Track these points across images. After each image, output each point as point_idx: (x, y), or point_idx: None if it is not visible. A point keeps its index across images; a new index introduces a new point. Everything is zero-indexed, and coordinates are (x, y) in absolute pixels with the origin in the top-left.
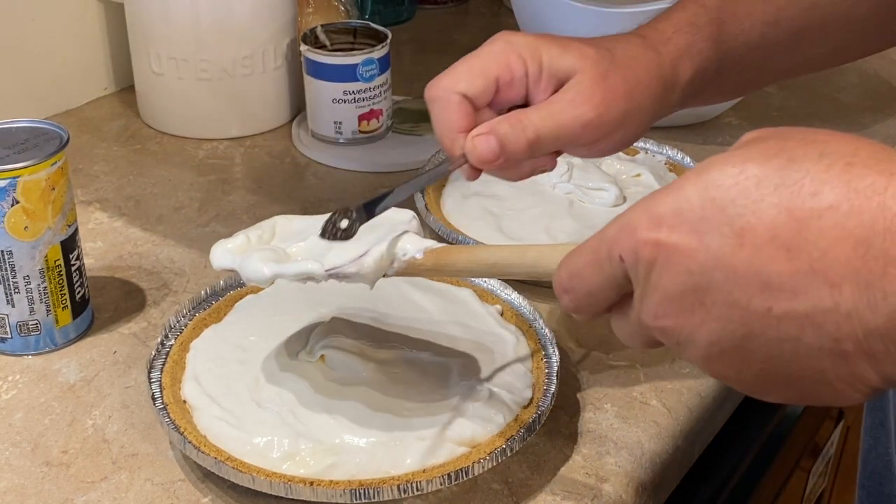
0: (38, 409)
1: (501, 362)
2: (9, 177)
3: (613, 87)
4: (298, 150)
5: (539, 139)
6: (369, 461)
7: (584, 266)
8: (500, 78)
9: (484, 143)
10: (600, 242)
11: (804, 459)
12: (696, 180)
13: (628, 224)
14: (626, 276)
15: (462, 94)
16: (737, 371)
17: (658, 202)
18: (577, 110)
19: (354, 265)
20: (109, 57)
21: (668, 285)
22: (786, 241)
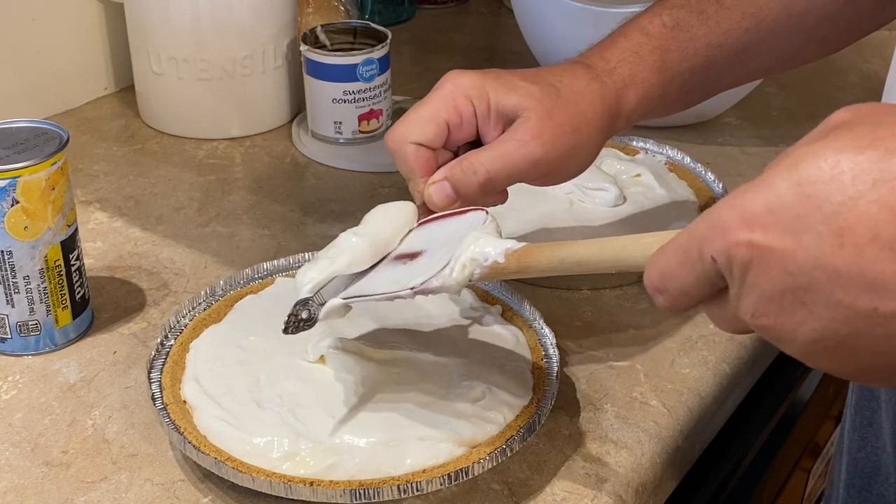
0: (38, 409)
1: (501, 362)
2: (9, 177)
3: (560, 124)
4: (298, 150)
5: (490, 180)
6: (369, 461)
7: (676, 266)
8: (450, 121)
9: (439, 190)
10: (690, 241)
11: (804, 459)
12: (788, 175)
13: (719, 223)
14: (719, 274)
15: (416, 143)
16: (839, 364)
17: (749, 199)
18: (526, 149)
19: (438, 279)
20: (109, 57)
21: (766, 286)
22: (889, 239)
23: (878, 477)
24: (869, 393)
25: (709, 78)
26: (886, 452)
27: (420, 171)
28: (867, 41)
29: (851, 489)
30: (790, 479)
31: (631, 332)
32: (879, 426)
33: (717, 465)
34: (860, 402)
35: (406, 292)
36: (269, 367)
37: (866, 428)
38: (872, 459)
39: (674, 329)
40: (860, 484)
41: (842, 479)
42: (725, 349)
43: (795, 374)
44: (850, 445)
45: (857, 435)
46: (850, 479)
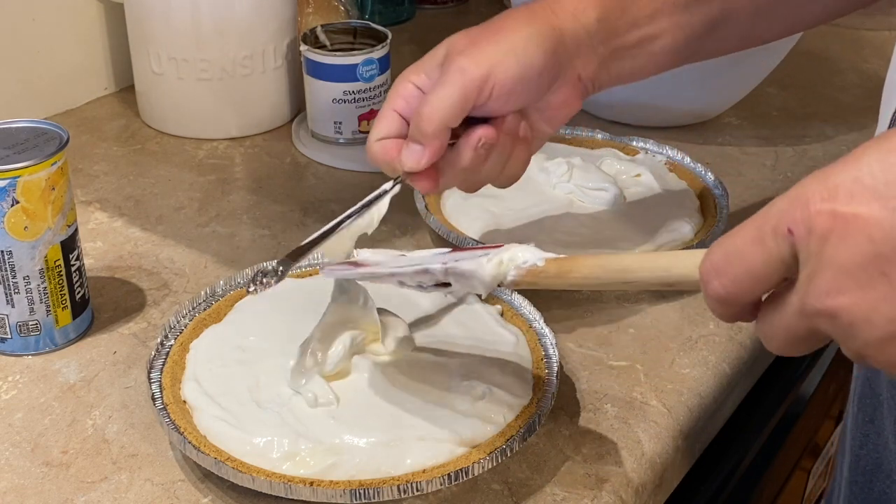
0: (38, 410)
1: (501, 362)
2: (9, 177)
3: (479, 33)
4: (298, 150)
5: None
6: (369, 461)
7: (745, 243)
8: (398, 108)
9: (404, 151)
10: (766, 217)
11: (804, 459)
12: (877, 147)
13: (800, 196)
14: (793, 254)
15: (377, 139)
16: None
17: (834, 172)
18: (452, 65)
19: (472, 263)
20: (109, 57)
21: (845, 257)
22: None
23: (880, 474)
24: (870, 390)
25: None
26: (889, 450)
27: (388, 156)
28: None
29: (854, 486)
30: (790, 479)
31: (631, 332)
32: (881, 423)
33: (717, 465)
34: (862, 399)
35: (437, 266)
36: (269, 367)
37: (868, 425)
38: (874, 456)
39: (674, 329)
40: (862, 481)
41: (844, 477)
42: (725, 349)
43: (795, 374)
44: (852, 443)
45: (860, 432)
46: (853, 477)
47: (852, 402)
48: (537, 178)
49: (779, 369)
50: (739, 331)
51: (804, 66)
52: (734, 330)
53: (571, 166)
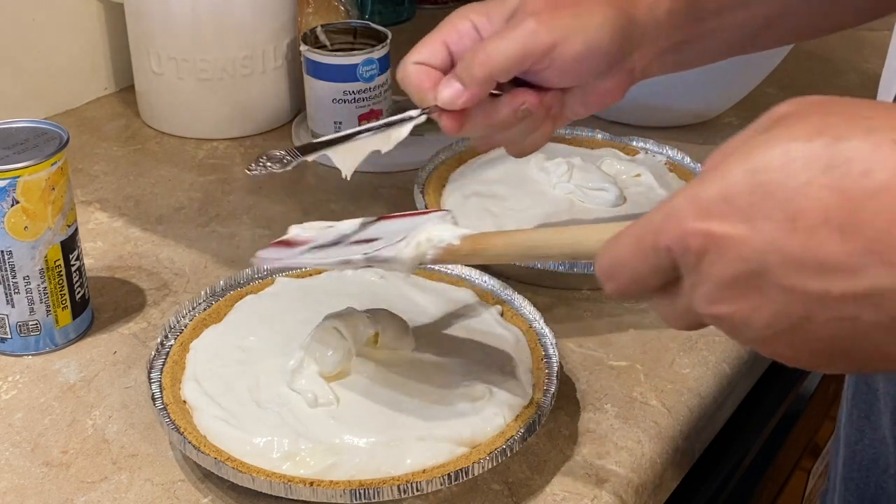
0: (38, 410)
1: (501, 362)
2: (9, 177)
3: (557, 3)
4: None
5: (490, 58)
6: (369, 461)
7: (628, 255)
8: (448, 39)
9: (445, 83)
10: (644, 231)
11: (804, 459)
12: (742, 164)
13: (674, 213)
14: (672, 265)
15: (416, 63)
16: (794, 350)
17: (703, 189)
18: (522, 24)
19: (392, 249)
20: (109, 57)
21: (721, 273)
22: (839, 222)
23: (877, 469)
24: (866, 386)
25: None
26: (886, 444)
27: (423, 83)
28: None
29: (849, 482)
30: (790, 479)
31: (631, 332)
32: (878, 418)
33: (717, 465)
34: (857, 395)
35: (358, 258)
36: (269, 367)
37: (864, 420)
38: (870, 451)
39: (674, 329)
40: (858, 477)
41: (839, 474)
42: (725, 349)
43: (795, 374)
44: (847, 439)
45: (855, 428)
46: (848, 473)
47: (846, 399)
48: (537, 178)
49: (779, 369)
50: None
51: (804, 67)
52: None
53: (571, 166)
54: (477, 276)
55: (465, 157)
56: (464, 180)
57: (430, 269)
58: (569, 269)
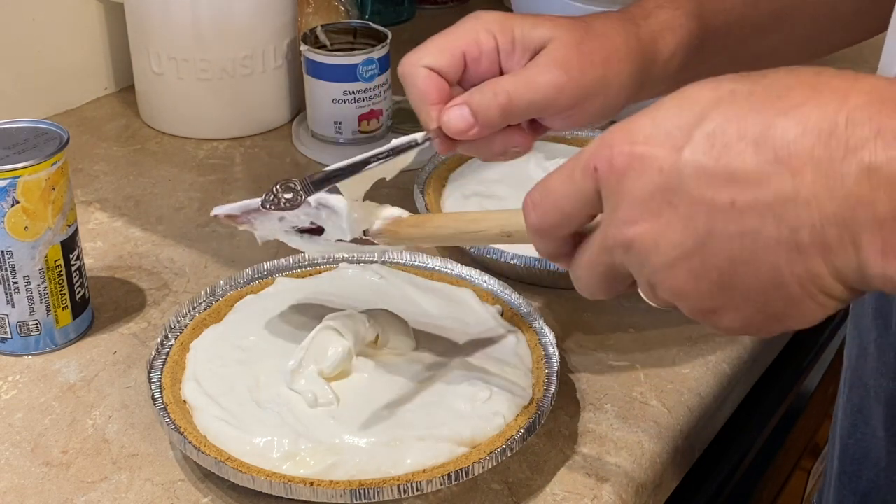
0: (38, 409)
1: (501, 362)
2: (9, 177)
3: (589, 53)
4: (298, 150)
5: (511, 103)
6: (369, 461)
7: (558, 181)
8: (468, 53)
9: (457, 112)
10: (577, 159)
11: (804, 459)
12: (673, 98)
13: (606, 139)
14: (596, 191)
15: (429, 68)
16: (696, 280)
17: (636, 120)
18: (551, 74)
19: (337, 199)
20: (109, 57)
21: (639, 189)
22: (754, 136)
23: (868, 462)
24: (859, 381)
25: (743, 39)
26: (877, 437)
27: (431, 96)
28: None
29: (843, 476)
30: (790, 479)
31: (631, 332)
32: (869, 411)
33: (717, 465)
34: (851, 389)
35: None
36: (270, 367)
37: (856, 414)
38: (862, 445)
39: (674, 329)
40: (851, 471)
41: (834, 468)
42: (725, 349)
43: (796, 374)
44: (841, 433)
45: (848, 422)
46: (842, 467)
47: (842, 394)
48: (537, 177)
49: (779, 369)
50: None
51: None
52: None
53: None
54: (477, 276)
55: (465, 157)
56: (464, 180)
57: (430, 269)
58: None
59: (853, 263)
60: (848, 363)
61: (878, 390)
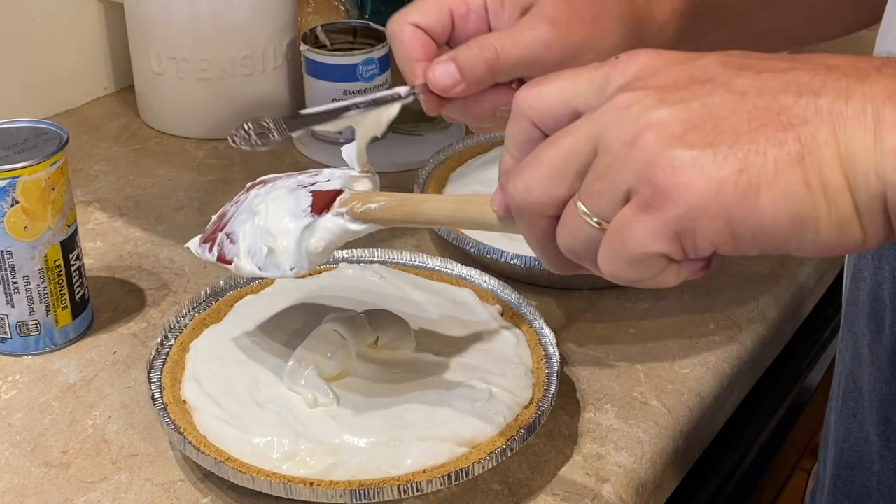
0: (38, 410)
1: (501, 362)
2: (9, 177)
3: (578, 9)
4: (298, 150)
5: (499, 58)
6: (369, 461)
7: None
8: (455, 10)
9: (442, 68)
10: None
11: (804, 459)
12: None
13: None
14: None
15: (414, 25)
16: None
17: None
18: (539, 30)
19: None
20: (109, 57)
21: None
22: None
23: (861, 467)
24: (853, 385)
25: (739, 16)
26: (870, 442)
27: (416, 52)
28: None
29: (837, 480)
30: (790, 479)
31: (631, 332)
32: (863, 416)
33: (717, 465)
34: (846, 393)
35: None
36: (269, 367)
37: (850, 419)
38: (856, 450)
39: (674, 329)
40: (845, 475)
41: (828, 472)
42: (725, 349)
43: (796, 374)
44: (835, 437)
45: (843, 426)
46: (836, 471)
47: (835, 397)
48: None
49: (779, 369)
50: (740, 331)
51: None
52: (735, 330)
53: None
54: (477, 276)
55: (465, 157)
56: (464, 180)
57: (430, 269)
58: None
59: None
60: (842, 367)
61: (871, 395)
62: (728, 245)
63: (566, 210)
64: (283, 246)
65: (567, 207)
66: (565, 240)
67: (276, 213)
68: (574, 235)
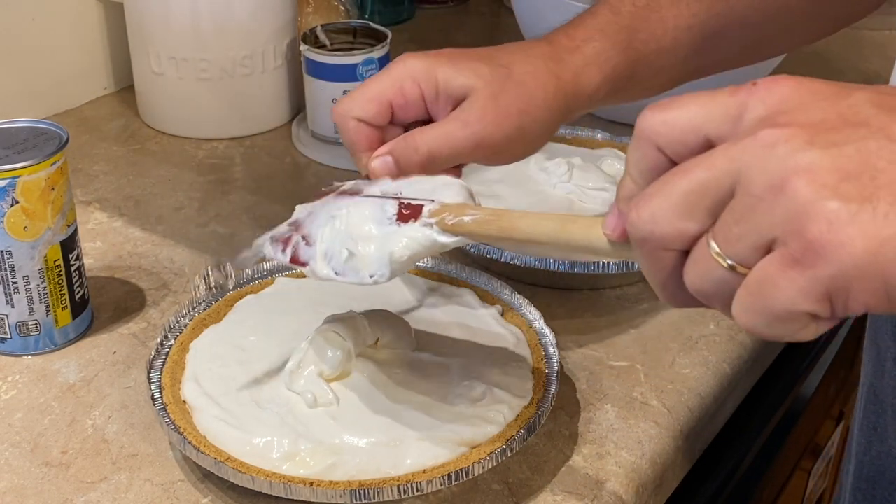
0: (38, 410)
1: (501, 362)
2: (8, 177)
3: (506, 106)
4: (298, 150)
5: (432, 157)
6: (369, 461)
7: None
8: (394, 102)
9: (381, 164)
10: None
11: (804, 460)
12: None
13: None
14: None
15: (357, 119)
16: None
17: None
18: (468, 129)
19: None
20: (109, 57)
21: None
22: None
23: (883, 481)
24: (875, 398)
25: (676, 62)
26: (892, 457)
27: (360, 144)
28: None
29: (857, 493)
30: (790, 479)
31: (631, 332)
32: (885, 430)
33: (717, 465)
34: (867, 406)
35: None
36: (269, 367)
37: (871, 432)
38: (877, 463)
39: (674, 329)
40: (865, 488)
41: (849, 483)
42: (726, 349)
43: (796, 374)
44: (857, 449)
45: (864, 439)
46: (857, 483)
47: (859, 409)
48: (537, 178)
49: (779, 369)
50: (740, 331)
51: (804, 66)
52: (734, 330)
53: (571, 166)
54: (477, 276)
55: None
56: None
57: (430, 269)
58: (569, 270)
59: None
60: (864, 379)
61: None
62: (883, 306)
63: (697, 248)
64: (364, 252)
65: (698, 245)
66: (694, 280)
67: (359, 219)
68: (704, 276)
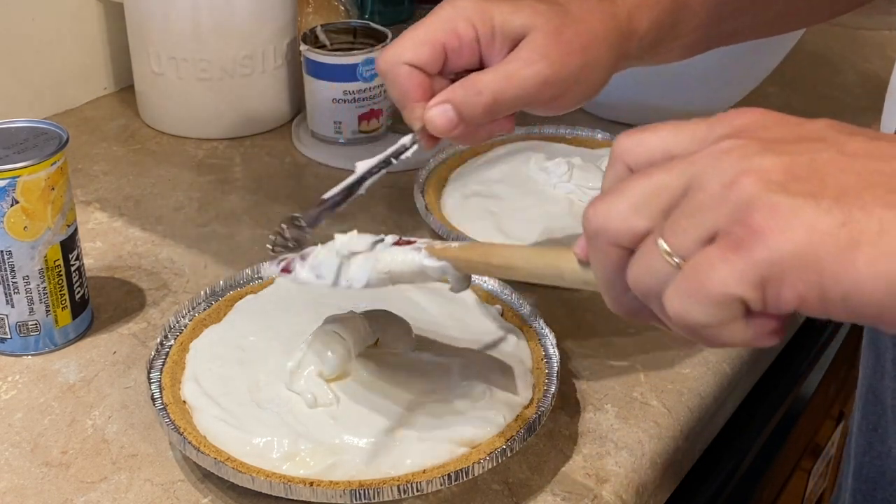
0: (38, 410)
1: (501, 362)
2: (8, 177)
3: (569, 42)
4: (298, 150)
5: (496, 102)
6: (369, 461)
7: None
8: (448, 44)
9: (441, 113)
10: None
11: (804, 460)
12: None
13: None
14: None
15: (409, 64)
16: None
17: None
18: (533, 68)
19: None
20: (109, 57)
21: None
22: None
23: (883, 482)
24: (874, 398)
25: (717, 18)
26: (892, 458)
27: (414, 93)
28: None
29: (857, 494)
30: (790, 479)
31: (631, 332)
32: (885, 431)
33: (717, 465)
34: (866, 406)
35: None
36: (269, 367)
37: (871, 433)
38: (877, 464)
39: None
40: (865, 489)
41: (849, 484)
42: (726, 349)
43: (796, 374)
44: (856, 450)
45: (864, 440)
46: (857, 485)
47: (857, 410)
48: (537, 178)
49: (779, 369)
50: None
51: (804, 66)
52: None
53: (571, 166)
54: (477, 276)
55: (466, 157)
56: (464, 180)
57: None
58: None
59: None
60: (863, 380)
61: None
62: (814, 302)
63: (644, 244)
64: (352, 261)
65: (645, 242)
66: (636, 273)
67: (353, 237)
68: (646, 270)
